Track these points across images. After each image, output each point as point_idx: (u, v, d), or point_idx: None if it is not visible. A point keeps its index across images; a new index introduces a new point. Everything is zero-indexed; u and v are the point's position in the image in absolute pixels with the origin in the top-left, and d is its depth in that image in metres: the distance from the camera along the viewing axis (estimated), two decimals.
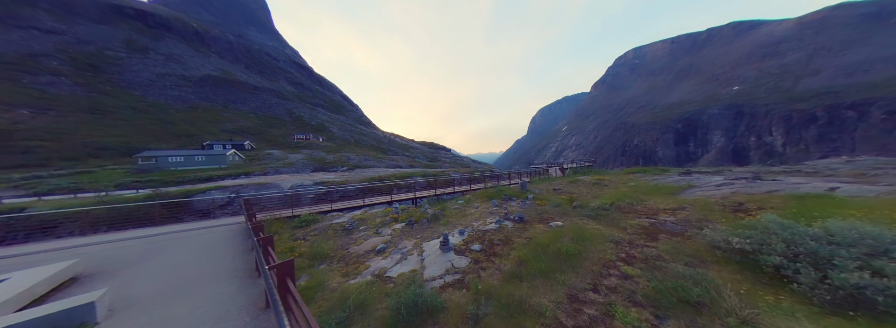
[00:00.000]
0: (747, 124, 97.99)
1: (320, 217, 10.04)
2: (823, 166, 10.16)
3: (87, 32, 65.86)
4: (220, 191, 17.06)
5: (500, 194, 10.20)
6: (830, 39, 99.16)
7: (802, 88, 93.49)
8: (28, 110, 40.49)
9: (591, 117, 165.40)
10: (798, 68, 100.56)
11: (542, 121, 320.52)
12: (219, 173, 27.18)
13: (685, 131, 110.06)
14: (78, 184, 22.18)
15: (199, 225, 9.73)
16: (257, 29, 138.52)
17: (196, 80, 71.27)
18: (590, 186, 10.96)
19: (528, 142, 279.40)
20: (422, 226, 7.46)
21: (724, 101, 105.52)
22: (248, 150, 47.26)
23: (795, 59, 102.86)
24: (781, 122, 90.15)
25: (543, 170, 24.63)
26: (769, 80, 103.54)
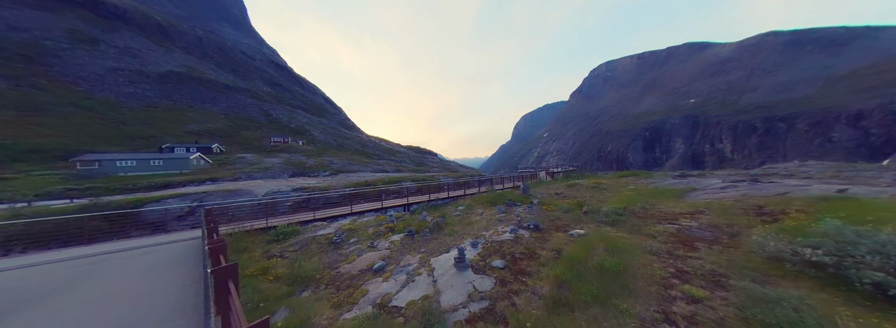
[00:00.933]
0: (702, 133, 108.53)
1: (301, 228, 8.73)
2: (794, 169, 10.81)
3: (20, 18, 57.33)
4: (180, 200, 15.04)
5: (503, 199, 9.58)
6: (764, 61, 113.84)
7: (745, 102, 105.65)
8: None
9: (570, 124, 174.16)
10: (740, 85, 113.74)
11: (526, 127, 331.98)
12: (180, 179, 23.99)
13: (652, 138, 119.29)
14: None
15: (148, 241, 8.03)
16: (231, 25, 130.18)
17: (156, 76, 64.48)
18: (590, 190, 10.73)
19: (512, 147, 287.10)
20: (424, 238, 6.51)
21: (682, 112, 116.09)
22: (216, 153, 42.99)
23: (737, 76, 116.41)
24: (729, 132, 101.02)
25: (533, 174, 24.62)
26: (718, 95, 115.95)
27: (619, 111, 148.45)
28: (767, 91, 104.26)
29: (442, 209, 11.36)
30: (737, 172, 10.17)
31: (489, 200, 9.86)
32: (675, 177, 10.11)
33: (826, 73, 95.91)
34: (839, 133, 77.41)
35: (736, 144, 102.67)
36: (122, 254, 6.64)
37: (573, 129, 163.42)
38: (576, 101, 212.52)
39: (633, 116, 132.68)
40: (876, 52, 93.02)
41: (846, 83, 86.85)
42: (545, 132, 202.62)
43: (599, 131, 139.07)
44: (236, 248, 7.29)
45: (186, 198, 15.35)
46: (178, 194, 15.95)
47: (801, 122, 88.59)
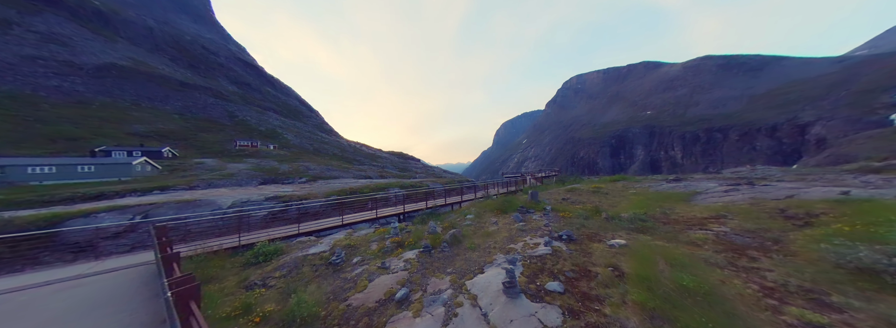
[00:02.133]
0: (658, 141, 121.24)
1: (285, 245, 7.30)
2: (762, 172, 11.91)
3: None
4: (117, 214, 12.61)
5: (513, 206, 9.00)
6: (703, 81, 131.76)
7: (690, 115, 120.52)
8: None
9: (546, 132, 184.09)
10: (685, 100, 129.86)
11: (506, 133, 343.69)
12: (118, 188, 20.45)
13: (617, 145, 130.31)
14: None
15: (65, 273, 5.77)
16: (191, 18, 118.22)
17: (91, 68, 55.48)
18: (593, 195, 10.69)
19: (493, 153, 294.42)
20: (444, 253, 5.56)
21: (642, 122, 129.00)
22: (168, 158, 37.47)
23: (683, 93, 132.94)
24: (679, 141, 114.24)
25: (520, 179, 24.69)
26: (669, 108, 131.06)
27: (589, 120, 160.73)
28: (706, 106, 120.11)
29: (443, 217, 10.44)
30: (724, 176, 10.89)
31: (497, 207, 9.24)
32: (670, 182, 10.50)
33: (749, 92, 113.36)
34: (761, 142, 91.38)
35: (685, 152, 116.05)
36: (24, 295, 4.55)
37: (549, 137, 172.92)
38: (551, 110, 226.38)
39: (601, 125, 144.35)
40: (783, 77, 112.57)
41: (763, 101, 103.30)
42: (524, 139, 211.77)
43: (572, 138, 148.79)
44: (201, 277, 5.68)
45: (126, 212, 12.99)
46: (114, 207, 13.32)
47: (732, 133, 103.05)
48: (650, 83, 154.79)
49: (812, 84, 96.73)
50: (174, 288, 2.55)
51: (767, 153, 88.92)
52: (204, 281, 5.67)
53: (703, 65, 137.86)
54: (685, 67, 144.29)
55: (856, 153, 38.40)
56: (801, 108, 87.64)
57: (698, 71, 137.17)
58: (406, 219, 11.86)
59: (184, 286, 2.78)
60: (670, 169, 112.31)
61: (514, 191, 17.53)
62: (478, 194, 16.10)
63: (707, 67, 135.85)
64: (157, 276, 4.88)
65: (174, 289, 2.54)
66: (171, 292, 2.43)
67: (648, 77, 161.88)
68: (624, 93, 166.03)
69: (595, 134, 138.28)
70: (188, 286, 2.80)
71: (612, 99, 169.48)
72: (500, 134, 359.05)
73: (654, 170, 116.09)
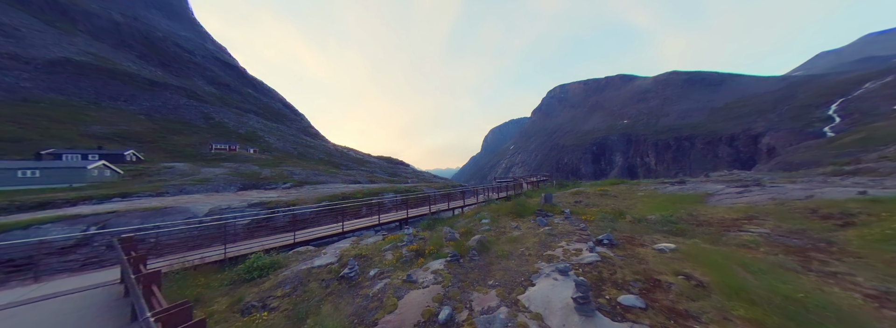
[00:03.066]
0: (635, 149, 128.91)
1: (282, 257, 6.33)
2: (747, 176, 12.50)
3: None
4: (67, 224, 11.02)
5: (527, 209, 8.63)
6: (671, 93, 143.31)
7: (661, 125, 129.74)
8: None
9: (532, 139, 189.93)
10: (657, 110, 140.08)
11: (494, 139, 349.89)
12: (69, 196, 18.14)
13: (598, 152, 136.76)
14: None
15: None
16: (165, 15, 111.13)
17: (42, 63, 49.76)
18: (600, 198, 10.57)
19: (482, 158, 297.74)
20: (474, 262, 4.97)
21: (619, 130, 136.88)
22: (131, 162, 33.75)
23: (655, 104, 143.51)
24: (653, 148, 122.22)
25: (516, 184, 24.43)
26: (643, 118, 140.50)
27: (572, 128, 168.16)
28: (675, 117, 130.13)
29: (452, 222, 9.80)
30: (723, 178, 11.25)
31: (510, 211, 8.81)
32: (674, 184, 10.64)
33: (710, 104, 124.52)
34: (722, 150, 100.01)
35: (658, 158, 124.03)
36: None
37: (535, 143, 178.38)
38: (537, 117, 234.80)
39: (583, 133, 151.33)
40: (738, 92, 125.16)
41: (723, 113, 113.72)
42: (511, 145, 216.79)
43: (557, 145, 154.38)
44: (182, 298, 4.65)
45: (78, 222, 11.34)
46: (63, 217, 11.62)
47: (698, 142, 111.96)
48: (626, 94, 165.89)
49: (762, 99, 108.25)
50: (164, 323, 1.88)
51: (728, 160, 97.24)
52: None
53: (671, 79, 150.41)
54: (656, 81, 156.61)
55: (799, 161, 42.78)
56: (753, 120, 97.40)
57: (667, 84, 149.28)
58: (405, 225, 11.15)
59: (178, 321, 1.99)
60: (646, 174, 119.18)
61: (512, 195, 17.26)
62: (479, 198, 15.53)
63: (675, 81, 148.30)
64: (123, 301, 4.05)
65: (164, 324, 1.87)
66: None
67: (624, 88, 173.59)
68: (603, 103, 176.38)
69: (577, 141, 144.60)
70: (186, 322, 2.02)
71: (592, 108, 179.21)
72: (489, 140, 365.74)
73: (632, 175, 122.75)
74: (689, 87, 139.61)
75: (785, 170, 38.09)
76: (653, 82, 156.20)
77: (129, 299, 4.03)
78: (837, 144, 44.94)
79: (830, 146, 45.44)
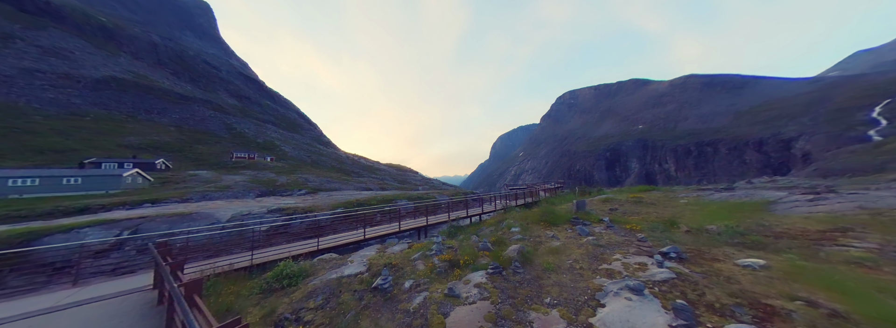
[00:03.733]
0: (651, 154, 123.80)
1: (309, 265, 6.15)
2: (793, 183, 11.42)
3: None
4: (104, 228, 11.41)
5: (559, 217, 8.13)
6: (689, 97, 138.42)
7: (680, 130, 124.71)
8: None
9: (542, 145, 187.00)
10: (675, 115, 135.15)
11: (502, 147, 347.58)
12: (105, 202, 19.17)
13: (612, 159, 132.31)
14: None
15: (28, 305, 4.29)
16: (196, 35, 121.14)
17: (90, 81, 54.73)
18: (635, 205, 9.90)
19: (490, 166, 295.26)
20: (520, 276, 4.59)
21: (634, 136, 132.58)
22: (160, 170, 35.63)
23: (672, 108, 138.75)
24: (671, 154, 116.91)
25: (532, 191, 23.19)
26: (660, 123, 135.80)
27: (583, 134, 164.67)
28: (695, 121, 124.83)
29: (475, 230, 9.37)
30: (787, 184, 10.30)
31: (540, 219, 8.36)
32: (721, 190, 9.81)
33: (734, 108, 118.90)
34: (749, 156, 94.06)
35: (678, 165, 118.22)
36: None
37: (545, 150, 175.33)
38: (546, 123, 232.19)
39: (595, 139, 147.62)
40: (763, 95, 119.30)
41: (748, 117, 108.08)
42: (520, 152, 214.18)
43: (568, 151, 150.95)
44: (215, 307, 4.49)
45: (113, 227, 11.75)
46: (100, 220, 12.18)
47: (722, 147, 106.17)
48: (640, 99, 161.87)
49: (791, 102, 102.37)
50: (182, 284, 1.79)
51: (757, 166, 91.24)
52: (219, 313, 4.41)
53: (689, 82, 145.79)
54: (672, 85, 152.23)
55: (842, 167, 39.37)
56: (783, 125, 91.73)
57: (684, 88, 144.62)
58: (423, 233, 10.81)
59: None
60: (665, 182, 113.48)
61: (531, 202, 16.60)
62: (496, 206, 14.83)
63: (692, 85, 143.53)
64: (157, 309, 3.85)
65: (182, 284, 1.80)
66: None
67: (638, 93, 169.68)
68: (615, 108, 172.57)
69: (590, 147, 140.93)
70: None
71: (604, 113, 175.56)
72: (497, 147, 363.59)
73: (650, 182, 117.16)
74: (708, 91, 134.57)
75: (825, 176, 35.08)
76: (669, 86, 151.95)
77: (162, 307, 3.90)
78: (887, 149, 41.19)
79: (879, 151, 41.71)
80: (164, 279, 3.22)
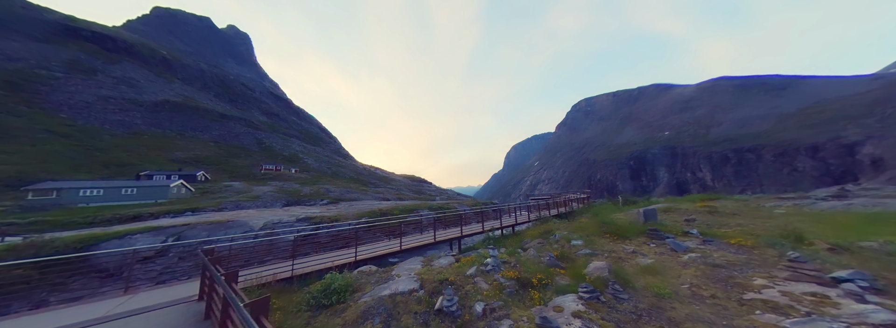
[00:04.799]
0: (682, 162, 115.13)
1: (352, 278, 5.60)
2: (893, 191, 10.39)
3: (21, 49, 57.84)
4: (151, 235, 12.37)
5: (626, 229, 7.30)
6: (721, 101, 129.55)
7: (714, 135, 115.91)
8: None
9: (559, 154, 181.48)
10: (705, 120, 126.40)
11: (516, 156, 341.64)
12: (153, 210, 21.41)
13: (637, 167, 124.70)
14: None
15: (84, 314, 4.34)
16: (237, 61, 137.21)
17: (149, 104, 63.65)
18: (712, 215, 8.97)
19: (504, 176, 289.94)
20: (625, 302, 3.93)
21: (660, 143, 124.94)
22: (200, 181, 39.81)
23: (702, 113, 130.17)
24: (706, 161, 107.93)
25: (563, 201, 19.53)
26: (689, 128, 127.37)
27: (602, 142, 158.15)
28: (730, 126, 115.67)
29: (511, 242, 8.80)
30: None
31: (601, 230, 7.57)
32: (829, 198, 8.50)
33: (777, 111, 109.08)
34: (802, 163, 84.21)
35: (714, 173, 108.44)
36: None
37: (562, 159, 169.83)
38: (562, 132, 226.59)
39: (616, 146, 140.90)
40: (812, 96, 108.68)
41: (796, 120, 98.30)
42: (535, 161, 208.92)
43: (587, 160, 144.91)
44: None
45: (161, 233, 12.72)
46: (149, 227, 13.20)
47: (766, 154, 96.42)
48: (664, 104, 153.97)
49: (849, 102, 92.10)
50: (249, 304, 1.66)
51: (813, 174, 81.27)
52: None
53: (719, 85, 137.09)
54: (700, 88, 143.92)
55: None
56: (842, 127, 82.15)
57: (714, 91, 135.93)
58: (454, 245, 10.36)
59: None
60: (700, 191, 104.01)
61: (567, 212, 15.86)
62: (530, 216, 13.96)
63: (723, 88, 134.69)
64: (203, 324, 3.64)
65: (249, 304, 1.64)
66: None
67: (661, 98, 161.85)
68: (637, 114, 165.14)
69: (610, 155, 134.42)
70: None
71: (624, 120, 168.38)
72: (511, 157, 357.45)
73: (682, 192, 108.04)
74: (743, 94, 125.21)
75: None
76: (696, 90, 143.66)
77: (208, 322, 3.70)
78: None
79: None
80: (223, 293, 2.83)
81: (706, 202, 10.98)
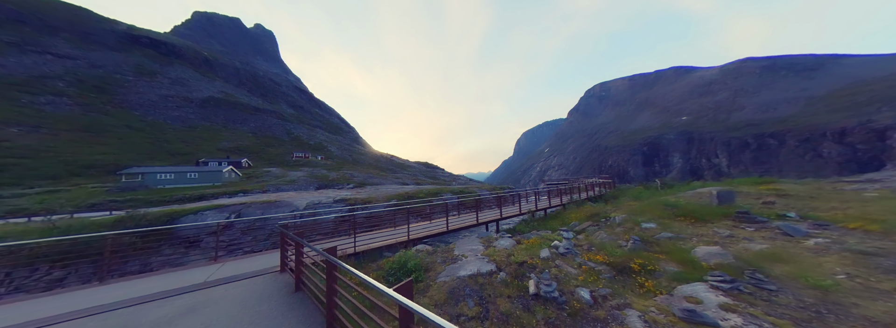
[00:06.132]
0: (698, 148, 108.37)
1: (414, 254, 5.28)
2: None
3: (101, 58, 66.04)
4: (216, 212, 13.50)
5: (707, 212, 6.53)
6: (746, 83, 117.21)
7: (734, 120, 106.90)
8: (18, 128, 38.13)
9: (570, 140, 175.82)
10: (727, 104, 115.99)
11: (527, 143, 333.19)
12: (212, 191, 23.90)
13: (650, 153, 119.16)
14: (45, 205, 17.62)
15: (183, 279, 4.41)
16: (264, 58, 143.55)
17: (199, 101, 70.91)
18: (785, 198, 8.02)
19: (514, 162, 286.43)
20: (777, 294, 3.47)
21: (676, 128, 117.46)
22: (245, 167, 45.84)
23: (724, 97, 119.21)
24: (723, 147, 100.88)
25: (585, 185, 17.49)
26: (708, 113, 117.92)
27: (616, 128, 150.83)
28: (753, 110, 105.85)
29: (551, 224, 8.52)
30: None
31: (670, 213, 6.79)
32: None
33: (805, 94, 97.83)
34: (827, 149, 76.92)
35: (731, 159, 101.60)
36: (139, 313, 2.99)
37: (573, 145, 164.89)
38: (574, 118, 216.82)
39: (629, 132, 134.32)
40: (846, 77, 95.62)
41: (826, 104, 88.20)
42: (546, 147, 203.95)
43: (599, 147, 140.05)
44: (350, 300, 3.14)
45: (223, 210, 13.72)
46: (213, 206, 14.25)
47: (790, 139, 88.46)
48: (683, 88, 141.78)
49: (886, 83, 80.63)
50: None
51: (838, 160, 74.45)
52: None
53: (744, 67, 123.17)
54: (723, 71, 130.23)
55: None
56: (875, 111, 73.18)
57: (739, 74, 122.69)
58: (499, 224, 9.94)
59: None
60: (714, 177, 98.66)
61: (596, 196, 15.45)
62: (563, 200, 13.44)
63: (749, 70, 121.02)
64: (297, 297, 3.27)
65: None
66: None
67: (680, 82, 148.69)
68: (654, 99, 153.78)
69: (623, 141, 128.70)
70: None
71: (640, 105, 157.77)
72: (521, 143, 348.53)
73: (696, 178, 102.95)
74: (770, 76, 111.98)
75: None
76: (719, 73, 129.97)
77: (300, 294, 3.38)
78: None
79: None
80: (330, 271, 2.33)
81: (770, 185, 9.51)
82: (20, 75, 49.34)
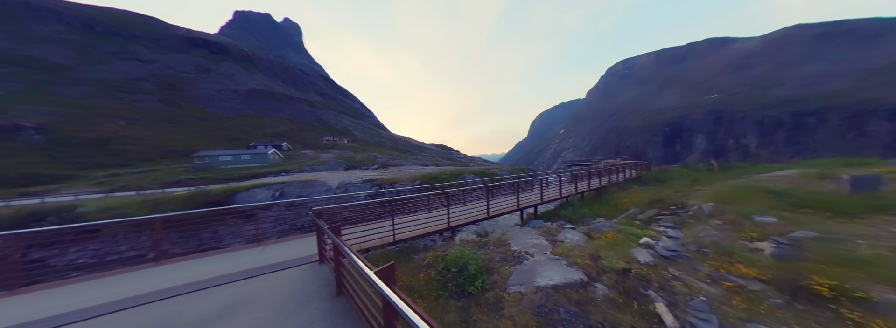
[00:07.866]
0: (725, 128, 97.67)
1: (472, 252, 3.89)
2: None
3: (171, 60, 74.83)
4: (264, 189, 14.07)
5: (844, 203, 4.90)
6: (791, 55, 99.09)
7: (771, 97, 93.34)
8: (124, 121, 47.14)
9: (587, 121, 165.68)
10: (766, 79, 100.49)
11: (541, 124, 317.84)
12: (261, 171, 25.85)
13: (672, 134, 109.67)
14: (142, 181, 21.04)
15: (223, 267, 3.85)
16: (293, 50, 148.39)
17: (244, 93, 78.44)
18: None
19: (528, 144, 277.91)
20: None
21: (704, 107, 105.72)
22: (285, 150, 52.17)
23: (763, 71, 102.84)
24: (755, 127, 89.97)
25: (611, 168, 14.34)
26: (742, 90, 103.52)
27: (636, 108, 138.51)
28: (795, 85, 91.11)
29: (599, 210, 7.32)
30: None
31: (778, 203, 5.23)
32: None
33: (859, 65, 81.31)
34: (875, 127, 66.01)
35: (762, 139, 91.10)
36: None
37: (590, 126, 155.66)
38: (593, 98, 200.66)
39: (651, 112, 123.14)
40: None
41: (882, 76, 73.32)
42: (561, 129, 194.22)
43: (617, 127, 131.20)
44: None
45: (269, 188, 14.15)
46: (262, 184, 14.94)
47: (833, 117, 76.62)
48: (717, 62, 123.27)
49: None
50: None
51: (885, 140, 64.42)
52: None
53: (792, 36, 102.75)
54: (766, 41, 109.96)
55: None
56: None
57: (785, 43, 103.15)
58: (537, 209, 8.72)
59: None
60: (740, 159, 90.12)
61: (634, 177, 13.77)
62: (592, 183, 11.34)
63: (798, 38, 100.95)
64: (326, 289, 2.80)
65: None
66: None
67: (715, 56, 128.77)
68: (682, 75, 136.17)
69: (644, 122, 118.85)
70: None
71: (666, 83, 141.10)
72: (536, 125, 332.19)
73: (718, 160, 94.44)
74: (822, 45, 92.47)
75: None
76: (761, 43, 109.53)
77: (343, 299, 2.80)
78: None
79: None
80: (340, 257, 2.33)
81: (876, 166, 7.17)
82: (120, 79, 59.23)
